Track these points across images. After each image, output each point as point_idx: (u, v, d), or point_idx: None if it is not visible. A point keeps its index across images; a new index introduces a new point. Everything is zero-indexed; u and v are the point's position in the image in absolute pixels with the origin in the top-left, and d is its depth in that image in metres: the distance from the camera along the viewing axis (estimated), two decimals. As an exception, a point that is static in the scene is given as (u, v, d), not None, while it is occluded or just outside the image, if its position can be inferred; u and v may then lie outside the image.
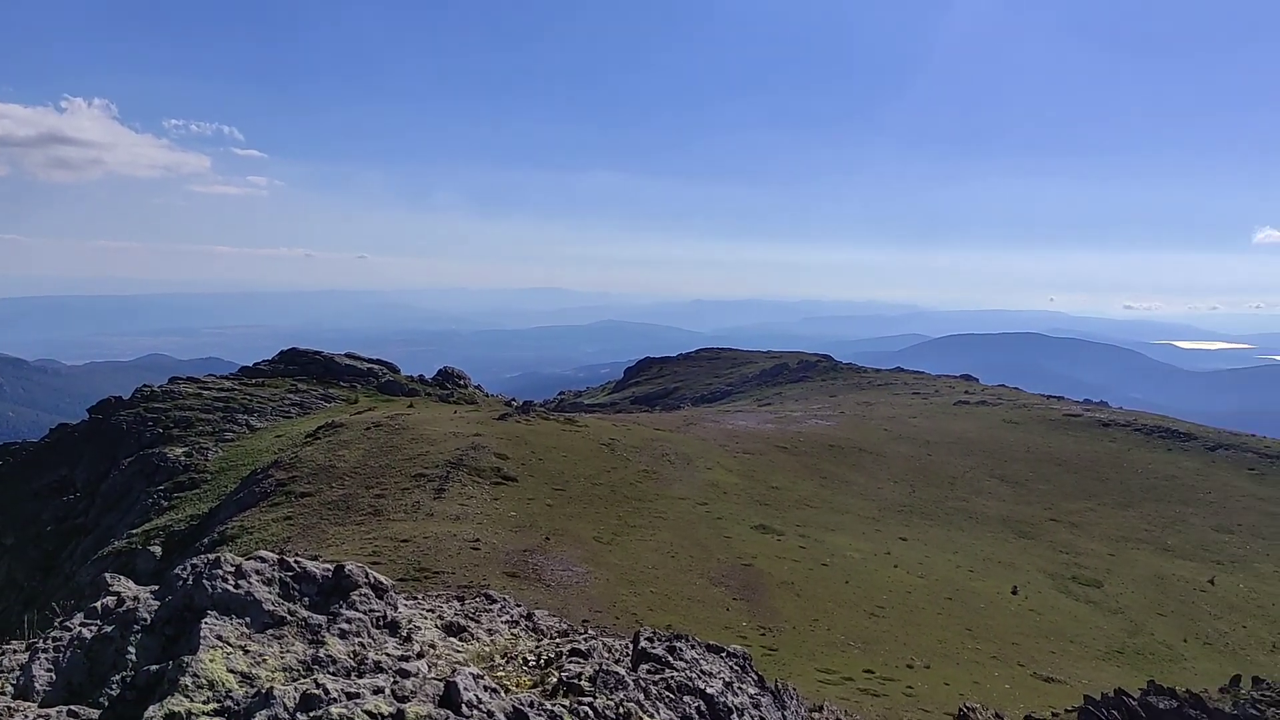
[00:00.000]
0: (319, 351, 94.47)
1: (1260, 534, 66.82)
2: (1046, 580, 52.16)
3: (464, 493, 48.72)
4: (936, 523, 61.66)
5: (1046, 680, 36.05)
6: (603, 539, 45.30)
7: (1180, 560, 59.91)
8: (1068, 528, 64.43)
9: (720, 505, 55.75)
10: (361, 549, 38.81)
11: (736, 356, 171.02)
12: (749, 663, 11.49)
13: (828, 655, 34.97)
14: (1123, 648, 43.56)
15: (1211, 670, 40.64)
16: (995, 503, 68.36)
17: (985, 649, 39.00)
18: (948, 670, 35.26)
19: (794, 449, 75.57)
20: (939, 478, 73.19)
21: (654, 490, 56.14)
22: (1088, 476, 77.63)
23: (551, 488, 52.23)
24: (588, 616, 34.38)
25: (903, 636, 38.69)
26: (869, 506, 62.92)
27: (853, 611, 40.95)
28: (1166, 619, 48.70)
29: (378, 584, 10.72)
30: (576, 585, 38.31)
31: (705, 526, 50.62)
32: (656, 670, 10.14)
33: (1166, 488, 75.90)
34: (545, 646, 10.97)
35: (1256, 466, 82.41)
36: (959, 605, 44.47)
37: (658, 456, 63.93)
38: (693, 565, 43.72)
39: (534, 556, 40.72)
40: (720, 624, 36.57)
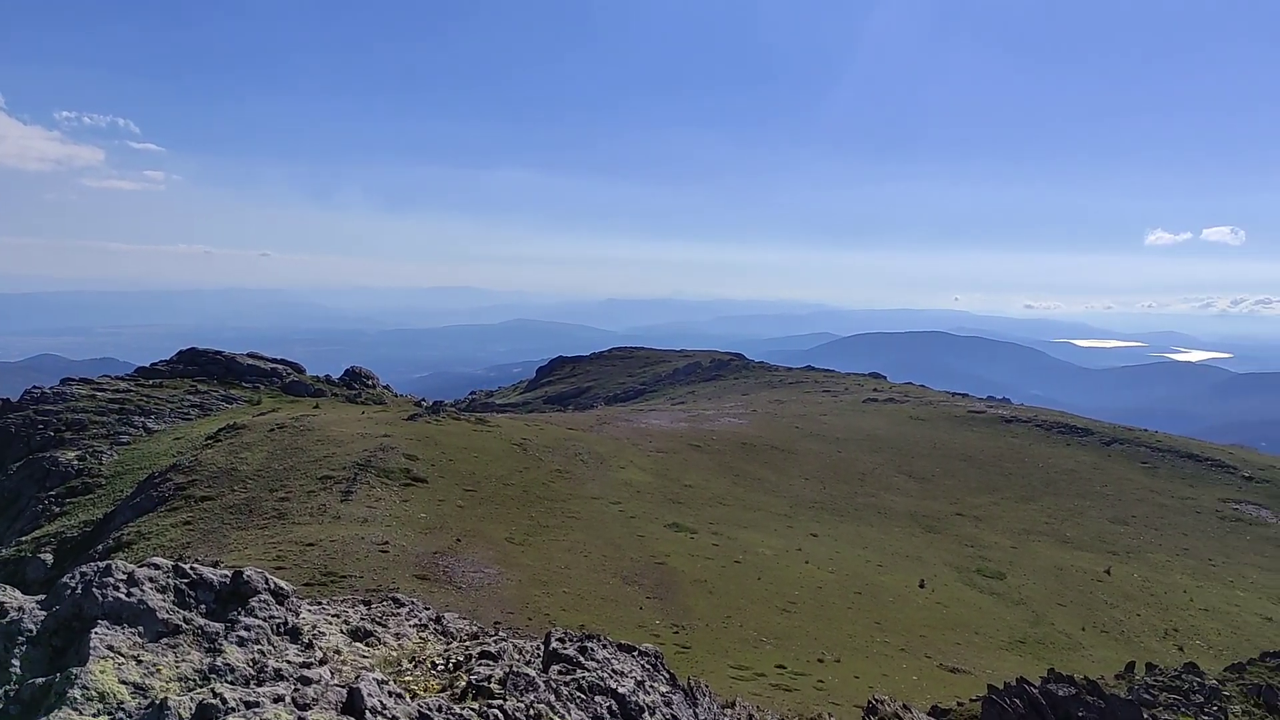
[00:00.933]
0: (220, 351, 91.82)
1: (1153, 525, 69.44)
2: (952, 573, 53.36)
3: (372, 495, 47.82)
4: (846, 518, 62.62)
5: (952, 671, 36.82)
6: (515, 540, 44.90)
7: (1079, 551, 61.88)
8: (972, 522, 66.04)
9: (634, 504, 55.75)
10: (265, 554, 37.76)
11: (650, 356, 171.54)
12: (661, 661, 11.41)
13: (740, 652, 35.17)
14: (1025, 637, 44.75)
15: (1108, 657, 42.00)
16: (903, 498, 69.73)
17: (894, 642, 39.68)
18: (858, 663, 35.77)
19: (707, 447, 76.02)
20: (849, 474, 74.38)
21: (567, 490, 55.88)
22: (991, 471, 79.73)
23: (462, 489, 51.61)
24: (499, 618, 34.00)
25: (814, 631, 39.14)
26: (781, 503, 63.60)
27: (765, 608, 41.28)
28: (1066, 609, 50.22)
29: (278, 589, 10.35)
30: (488, 587, 37.87)
31: (619, 526, 50.56)
32: (568, 671, 9.99)
33: (1065, 481, 78.37)
34: (455, 650, 10.75)
35: (1149, 460, 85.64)
36: (868, 599, 45.19)
37: (571, 456, 63.68)
38: (606, 564, 43.60)
39: (444, 558, 40.14)
40: (634, 623, 36.51)
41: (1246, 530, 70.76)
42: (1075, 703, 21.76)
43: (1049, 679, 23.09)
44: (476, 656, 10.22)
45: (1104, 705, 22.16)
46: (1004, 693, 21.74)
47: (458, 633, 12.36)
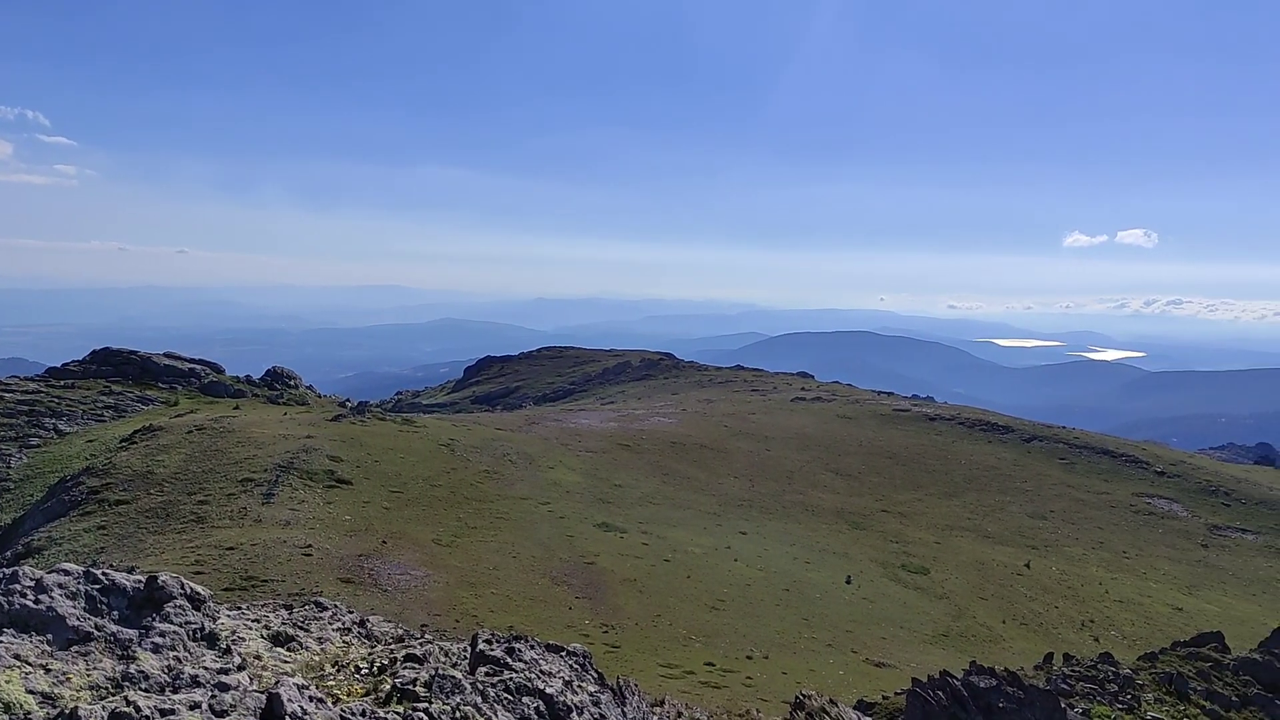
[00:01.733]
0: (135, 351, 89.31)
1: (1070, 519, 71.29)
2: (878, 569, 54.14)
3: (295, 497, 46.96)
4: (775, 516, 63.17)
5: (878, 665, 37.36)
6: (442, 541, 44.45)
7: (1000, 546, 63.25)
8: (897, 518, 67.10)
9: (563, 504, 55.58)
10: (183, 559, 36.85)
11: (579, 355, 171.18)
12: (589, 661, 11.36)
13: (670, 650, 35.26)
14: (948, 631, 45.58)
15: (1028, 649, 42.99)
16: (830, 495, 70.57)
17: (821, 637, 40.12)
18: (785, 660, 36.09)
19: (637, 447, 76.11)
20: (777, 472, 75.05)
21: (495, 491, 55.50)
22: (916, 468, 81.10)
23: (388, 490, 50.94)
24: (426, 621, 33.62)
25: (743, 628, 39.40)
26: (710, 502, 63.93)
27: (694, 606, 41.45)
28: (988, 602, 51.28)
29: (195, 595, 10.07)
30: (415, 589, 37.43)
31: (548, 526, 50.35)
32: (495, 672, 9.89)
33: (987, 478, 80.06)
34: (379, 653, 10.60)
35: (1067, 456, 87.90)
36: (796, 596, 45.63)
37: (499, 456, 63.27)
38: (535, 565, 43.40)
39: (370, 561, 39.58)
40: (563, 623, 36.39)
41: (1158, 523, 73.01)
42: (996, 694, 22.19)
43: (971, 671, 23.51)
44: (401, 660, 10.09)
45: (1023, 696, 22.63)
46: (927, 685, 22.08)
47: (382, 636, 12.20)
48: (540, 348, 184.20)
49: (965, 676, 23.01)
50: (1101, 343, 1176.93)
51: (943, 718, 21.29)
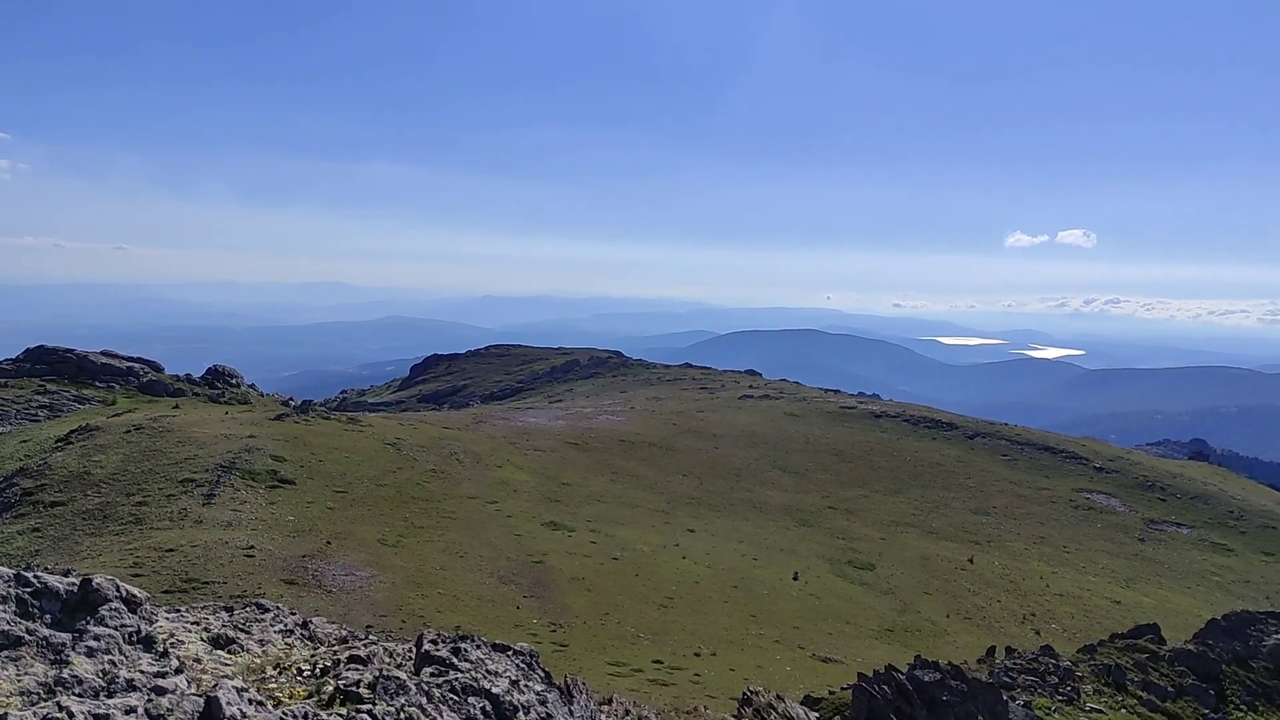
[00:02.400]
0: (71, 349, 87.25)
1: (1012, 515, 72.48)
2: (825, 565, 54.59)
3: (237, 497, 46.20)
4: (723, 514, 63.41)
5: (825, 661, 37.66)
6: (388, 541, 44.01)
7: (944, 541, 64.12)
8: (844, 514, 67.73)
9: (510, 503, 55.31)
10: (121, 561, 36.08)
11: (527, 353, 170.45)
12: (536, 660, 11.29)
13: (618, 648, 35.23)
14: (893, 626, 46.10)
15: (971, 642, 43.61)
16: (778, 492, 71.01)
17: (768, 634, 40.35)
18: (733, 656, 36.23)
19: (585, 445, 75.98)
20: (726, 470, 75.36)
21: (442, 490, 55.07)
22: (862, 465, 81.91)
23: (333, 490, 50.33)
24: (372, 622, 33.27)
25: (691, 626, 39.49)
26: (659, 500, 64.02)
27: (643, 604, 41.47)
28: (932, 597, 51.95)
29: (131, 597, 9.83)
30: (360, 590, 37.03)
31: (495, 525, 50.08)
32: (440, 673, 9.79)
33: (931, 474, 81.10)
34: (322, 655, 10.44)
35: (1009, 453, 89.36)
36: (744, 593, 45.84)
37: (446, 455, 62.78)
38: (482, 564, 43.14)
39: (314, 562, 39.08)
40: (511, 622, 36.22)
41: (1097, 518, 74.50)
42: (940, 687, 22.47)
43: (915, 665, 23.78)
44: (345, 661, 9.96)
45: (966, 689, 22.94)
46: (873, 680, 22.29)
47: (326, 637, 12.04)
48: (488, 346, 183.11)
49: (910, 671, 23.26)
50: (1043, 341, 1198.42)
51: (888, 712, 21.50)
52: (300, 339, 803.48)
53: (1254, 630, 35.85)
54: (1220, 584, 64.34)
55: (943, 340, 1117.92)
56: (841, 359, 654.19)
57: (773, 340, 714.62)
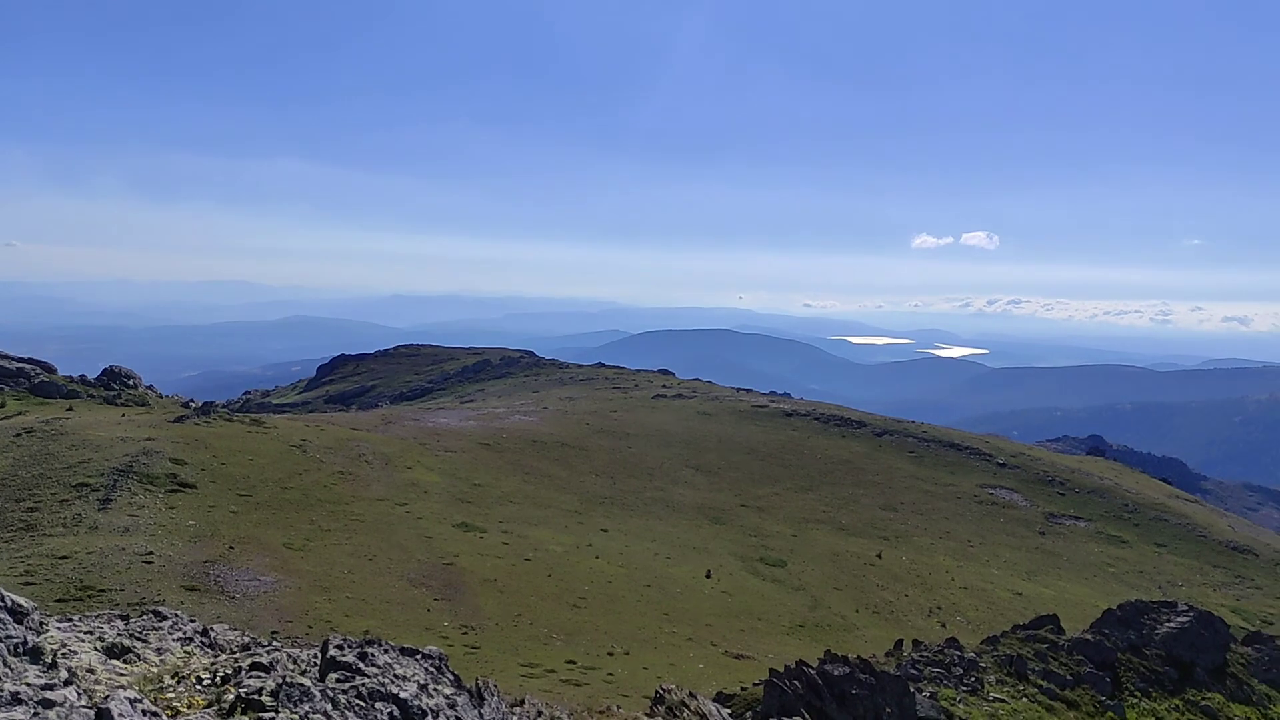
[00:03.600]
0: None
1: (919, 510, 74.09)
2: (737, 562, 55.05)
3: (134, 502, 44.65)
4: (636, 513, 63.50)
5: (737, 657, 37.96)
6: (294, 545, 43.02)
7: (853, 537, 65.22)
8: (755, 512, 68.40)
9: (421, 505, 54.55)
10: (11, 569, 34.55)
11: (437, 353, 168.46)
12: (445, 663, 11.11)
13: (531, 649, 35.01)
14: (804, 621, 46.71)
15: (880, 636, 44.41)
16: (691, 491, 71.38)
17: (681, 632, 40.52)
18: (646, 655, 36.29)
19: (497, 445, 75.36)
20: (639, 469, 75.49)
21: (350, 492, 54.04)
22: (773, 463, 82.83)
23: (236, 493, 48.98)
24: (277, 628, 32.49)
25: (604, 625, 39.44)
26: (572, 500, 63.82)
27: (555, 604, 41.28)
28: (842, 592, 52.79)
29: (16, 607, 9.40)
30: (264, 595, 36.11)
31: (405, 527, 49.32)
32: (347, 678, 9.57)
33: (841, 471, 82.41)
34: (223, 662, 10.14)
35: (916, 450, 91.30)
36: (657, 592, 45.96)
37: (354, 457, 61.64)
38: (392, 567, 42.45)
39: (216, 567, 38.00)
40: (421, 625, 35.71)
41: (1000, 513, 76.59)
42: (849, 681, 22.81)
43: (825, 660, 24.10)
44: (247, 669, 9.69)
45: (875, 682, 23.32)
46: (784, 675, 22.52)
47: (227, 645, 11.73)
48: (397, 345, 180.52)
49: (820, 665, 23.56)
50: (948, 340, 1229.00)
51: (799, 706, 21.73)
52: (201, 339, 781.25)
53: (1147, 619, 37.23)
54: (1116, 575, 66.71)
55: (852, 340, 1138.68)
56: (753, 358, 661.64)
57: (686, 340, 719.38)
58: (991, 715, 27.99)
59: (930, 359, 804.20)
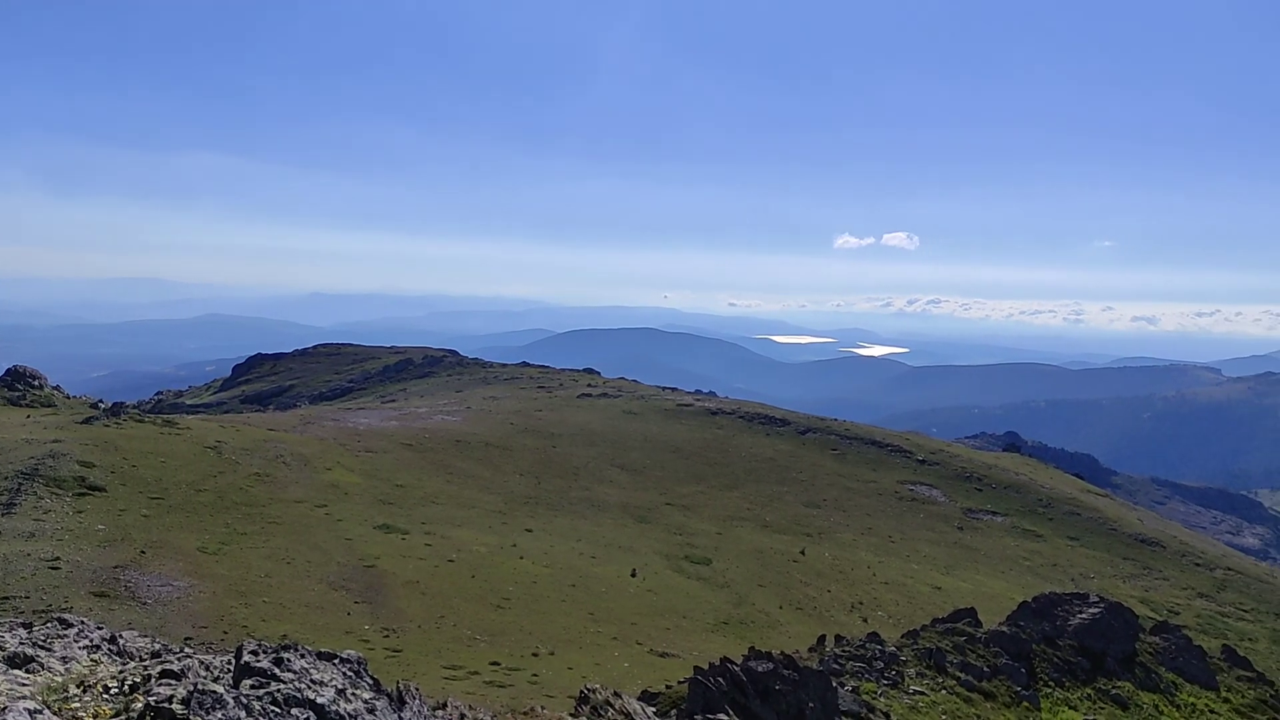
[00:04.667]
0: None
1: (842, 507, 75.08)
2: (662, 561, 55.15)
3: (40, 506, 43.12)
4: (561, 512, 63.26)
5: (662, 656, 38.01)
6: (208, 549, 41.95)
7: (777, 534, 65.80)
8: (681, 510, 68.62)
9: (341, 506, 53.61)
10: (-94, 578, 33.14)
11: (358, 352, 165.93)
12: (364, 667, 10.86)
13: (454, 651, 34.62)
14: (729, 619, 46.96)
15: (803, 632, 44.83)
16: (616, 490, 71.34)
17: (607, 631, 40.44)
18: (571, 655, 36.14)
19: (419, 446, 74.44)
20: (564, 469, 75.21)
21: (267, 494, 52.89)
22: (698, 462, 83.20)
23: (148, 496, 47.60)
24: (191, 634, 31.64)
25: (528, 626, 39.19)
26: (496, 500, 63.32)
27: (479, 605, 40.90)
28: (766, 589, 53.20)
29: (-93, 615, 8.98)
30: (177, 601, 35.15)
31: (324, 529, 48.43)
32: (261, 685, 9.31)
33: (765, 469, 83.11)
34: (131, 670, 9.83)
35: (838, 447, 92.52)
36: (582, 591, 45.82)
37: (271, 459, 60.34)
38: (311, 570, 41.64)
39: (127, 573, 36.87)
40: (341, 629, 35.09)
41: (920, 509, 78.00)
42: (773, 677, 22.96)
43: (749, 657, 24.23)
44: (157, 676, 9.40)
45: (798, 677, 23.52)
46: (708, 673, 22.58)
47: (137, 652, 11.39)
48: (316, 344, 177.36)
49: (744, 662, 23.68)
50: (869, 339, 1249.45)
51: (723, 703, 21.81)
52: (111, 338, 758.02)
53: (1060, 611, 38.22)
54: (1031, 568, 68.40)
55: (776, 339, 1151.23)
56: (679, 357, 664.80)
57: (611, 339, 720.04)
58: (911, 707, 28.44)
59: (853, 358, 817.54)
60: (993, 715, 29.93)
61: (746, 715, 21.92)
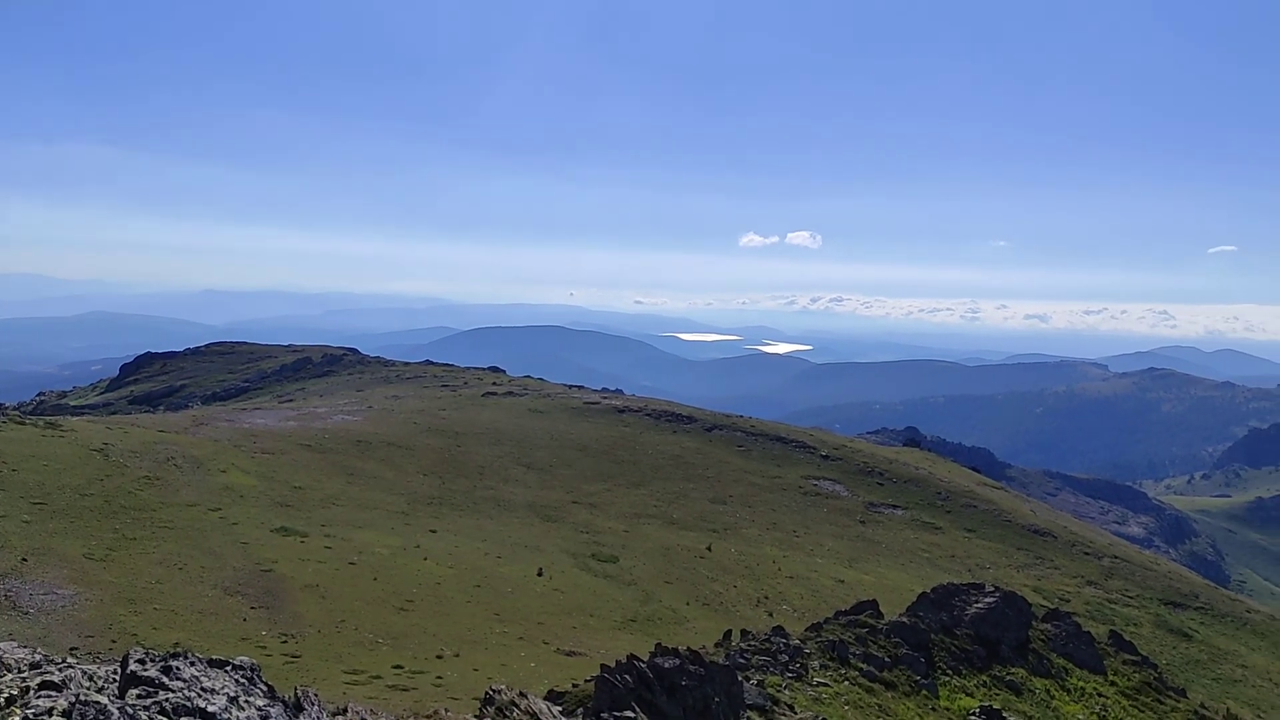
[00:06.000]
0: None
1: (748, 503, 75.82)
2: (569, 560, 54.87)
3: (-89, 514, 40.85)
4: (466, 512, 62.49)
5: (569, 655, 37.78)
6: (95, 556, 40.24)
7: (684, 531, 66.10)
8: (588, 509, 68.43)
9: (236, 510, 52.01)
10: None
11: (254, 351, 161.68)
12: (258, 673, 10.44)
13: (355, 655, 33.85)
14: (636, 616, 46.94)
15: (710, 628, 45.04)
16: (522, 489, 70.78)
17: (513, 631, 40.04)
18: (477, 656, 35.68)
19: (319, 446, 72.73)
20: (468, 468, 74.34)
21: (158, 498, 51.02)
22: (605, 460, 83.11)
23: (29, 502, 45.43)
24: (76, 644, 30.30)
25: (433, 628, 38.57)
26: (399, 501, 62.22)
27: (381, 608, 40.10)
28: (673, 586, 53.35)
29: None
30: (62, 610, 33.63)
31: (219, 534, 46.90)
32: (149, 694, 8.87)
33: (672, 467, 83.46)
34: (8, 683, 9.32)
35: (744, 444, 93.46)
36: (488, 591, 45.30)
37: (162, 461, 58.26)
38: (205, 576, 40.28)
39: (7, 581, 35.15)
40: (236, 636, 34.01)
41: (824, 503, 79.28)
42: (679, 673, 22.93)
43: (656, 653, 24.17)
44: (36, 688, 8.91)
45: (704, 672, 23.55)
46: (615, 670, 22.44)
47: (15, 664, 10.80)
48: (210, 343, 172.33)
49: (651, 659, 23.60)
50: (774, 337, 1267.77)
51: (629, 700, 21.70)
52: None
53: (958, 601, 39.17)
54: (930, 560, 70.07)
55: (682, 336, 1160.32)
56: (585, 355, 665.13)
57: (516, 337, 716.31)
58: (815, 699, 28.76)
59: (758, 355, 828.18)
60: (893, 704, 30.46)
61: (653, 712, 21.85)
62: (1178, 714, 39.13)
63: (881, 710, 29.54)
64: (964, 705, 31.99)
